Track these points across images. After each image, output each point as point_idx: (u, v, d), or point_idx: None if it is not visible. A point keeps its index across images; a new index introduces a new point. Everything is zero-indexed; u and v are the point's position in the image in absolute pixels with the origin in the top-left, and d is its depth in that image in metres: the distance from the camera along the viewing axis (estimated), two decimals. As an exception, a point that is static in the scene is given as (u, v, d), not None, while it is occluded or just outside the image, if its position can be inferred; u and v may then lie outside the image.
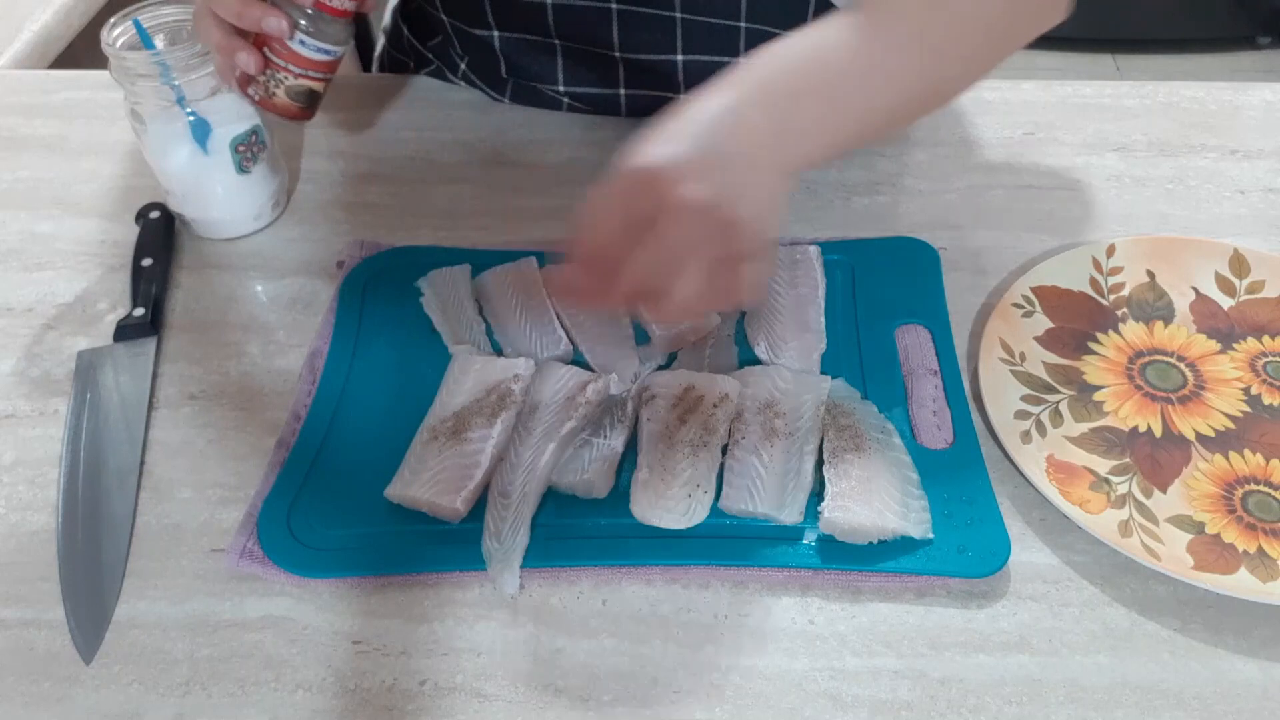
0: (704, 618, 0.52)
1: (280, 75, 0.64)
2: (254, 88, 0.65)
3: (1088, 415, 0.60)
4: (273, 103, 0.65)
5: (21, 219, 0.75)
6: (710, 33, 0.74)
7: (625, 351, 0.63)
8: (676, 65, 0.76)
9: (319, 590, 0.53)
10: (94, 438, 0.60)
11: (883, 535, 0.53)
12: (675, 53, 0.75)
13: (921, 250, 0.69)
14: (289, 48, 0.63)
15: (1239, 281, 0.67)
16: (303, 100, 0.66)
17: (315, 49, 0.63)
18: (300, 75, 0.64)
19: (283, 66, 0.64)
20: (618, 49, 0.75)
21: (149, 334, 0.66)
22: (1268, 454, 0.57)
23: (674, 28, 0.73)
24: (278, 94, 0.65)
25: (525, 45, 0.77)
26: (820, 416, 0.58)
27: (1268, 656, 0.50)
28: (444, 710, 0.49)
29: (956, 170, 0.77)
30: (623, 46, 0.75)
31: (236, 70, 0.64)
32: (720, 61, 0.76)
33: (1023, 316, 0.65)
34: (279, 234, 0.74)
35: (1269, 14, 2.53)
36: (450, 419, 0.58)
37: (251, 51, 0.63)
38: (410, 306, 0.66)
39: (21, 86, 0.89)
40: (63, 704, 0.49)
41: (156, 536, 0.56)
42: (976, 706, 0.48)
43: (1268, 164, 0.77)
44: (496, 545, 0.53)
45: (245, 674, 0.50)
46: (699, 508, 0.54)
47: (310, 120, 0.68)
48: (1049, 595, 0.52)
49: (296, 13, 0.62)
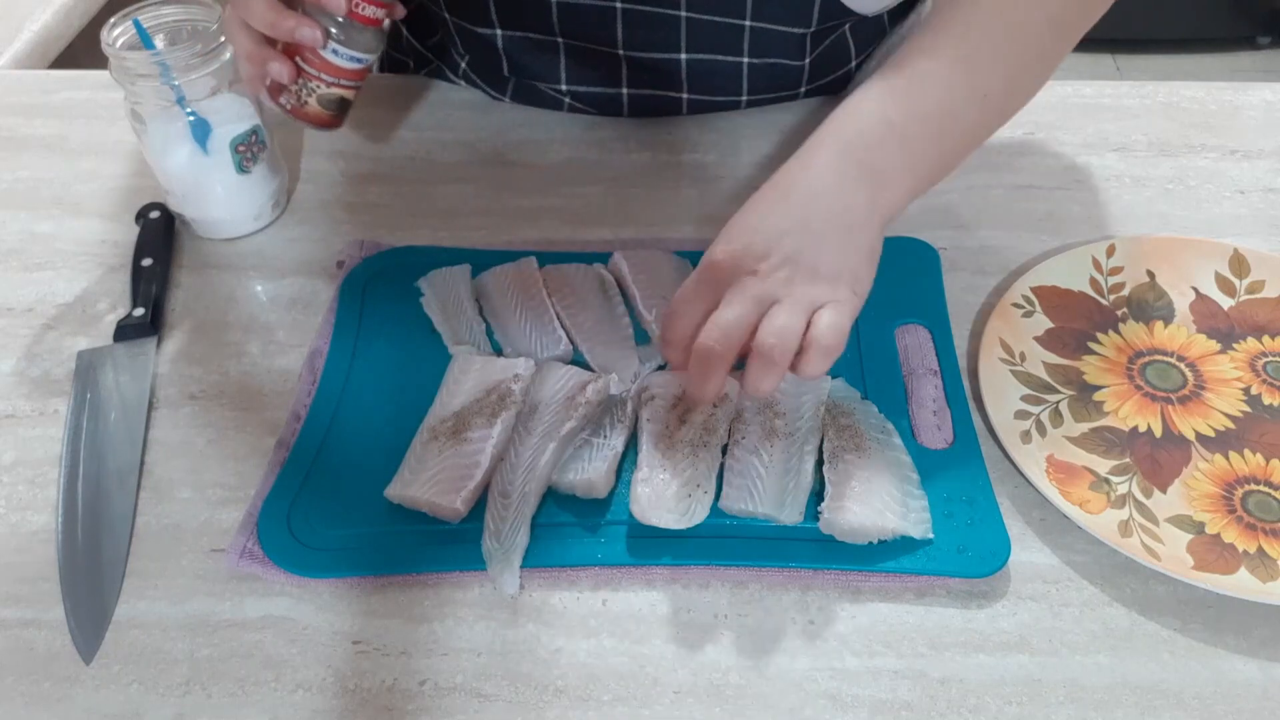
0: (704, 618, 0.52)
1: (312, 84, 0.64)
2: (285, 96, 0.65)
3: (1088, 415, 0.60)
4: (305, 111, 0.66)
5: (21, 219, 0.75)
6: (715, 31, 0.73)
7: (625, 351, 0.63)
8: (680, 64, 0.76)
9: (319, 590, 0.53)
10: (94, 438, 0.60)
11: (883, 535, 0.53)
12: (679, 51, 0.75)
13: (921, 250, 0.69)
14: (321, 56, 0.63)
15: (1239, 281, 0.67)
16: (334, 109, 0.66)
17: (348, 58, 0.63)
18: (332, 84, 0.64)
19: (315, 75, 0.64)
20: (621, 47, 0.75)
21: (149, 334, 0.66)
22: (1268, 454, 0.57)
23: (679, 26, 0.73)
24: (309, 103, 0.65)
25: (528, 44, 0.77)
26: (820, 417, 0.58)
27: (1268, 656, 0.50)
28: (444, 710, 0.49)
29: (956, 170, 0.77)
30: (627, 45, 0.75)
31: (267, 79, 0.64)
32: (724, 61, 0.76)
33: (1023, 316, 0.65)
34: (279, 234, 0.74)
35: (1269, 14, 2.53)
36: (450, 419, 0.58)
37: (283, 61, 0.63)
38: (410, 306, 0.66)
39: (21, 86, 0.89)
40: (63, 704, 0.49)
41: (156, 536, 0.56)
42: (976, 706, 0.48)
43: (1268, 164, 0.77)
44: (496, 545, 0.53)
45: (245, 674, 0.50)
46: (699, 508, 0.54)
47: (340, 128, 0.68)
48: (1049, 595, 0.53)
49: (328, 21, 0.62)
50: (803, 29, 0.74)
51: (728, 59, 0.76)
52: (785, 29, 0.74)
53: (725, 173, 0.77)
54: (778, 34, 0.74)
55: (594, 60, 0.77)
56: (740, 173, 0.77)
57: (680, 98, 0.79)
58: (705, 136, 0.80)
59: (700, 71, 0.77)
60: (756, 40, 0.74)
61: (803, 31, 0.75)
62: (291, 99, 0.65)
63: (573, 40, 0.76)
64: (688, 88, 0.78)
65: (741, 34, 0.74)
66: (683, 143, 0.80)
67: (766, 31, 0.74)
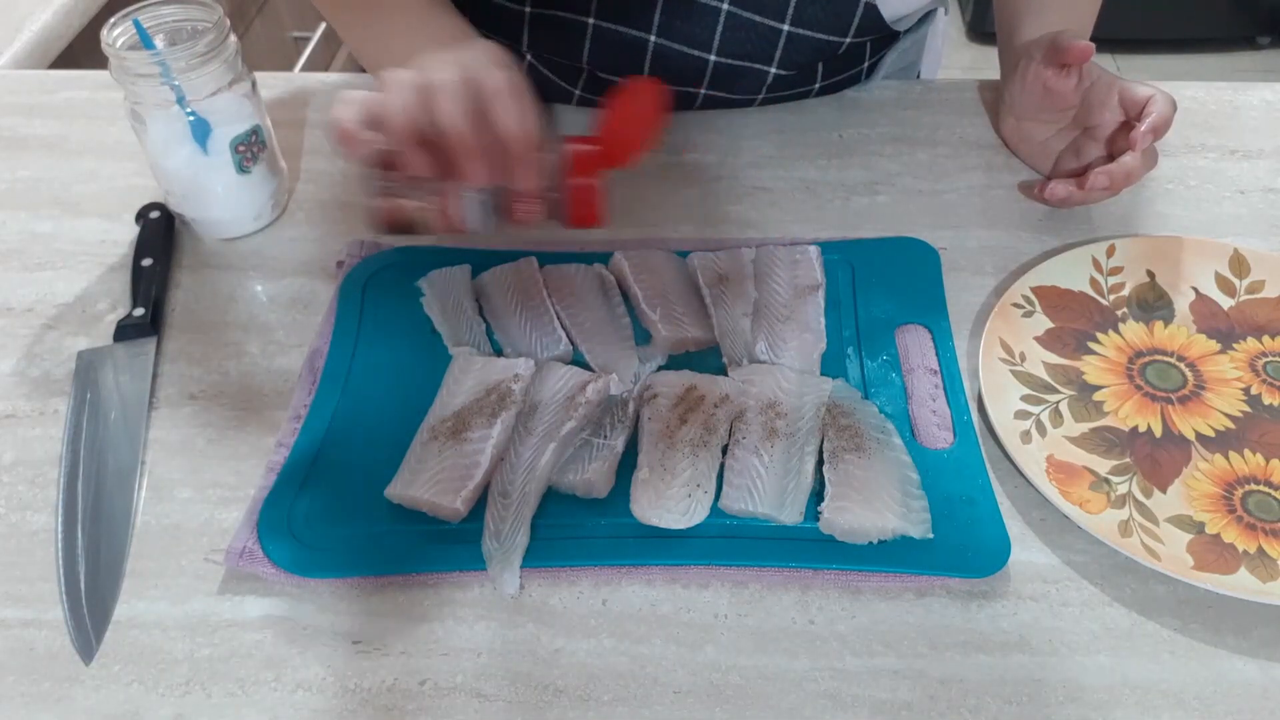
0: (704, 618, 0.52)
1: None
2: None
3: (1088, 415, 0.60)
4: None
5: (21, 219, 0.75)
6: (752, 30, 0.73)
7: (625, 351, 0.63)
8: (707, 64, 0.75)
9: (319, 590, 0.53)
10: (94, 438, 0.60)
11: (883, 535, 0.53)
12: (710, 52, 0.74)
13: (921, 250, 0.70)
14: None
15: (1239, 281, 0.67)
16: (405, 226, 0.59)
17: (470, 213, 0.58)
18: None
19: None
20: (654, 33, 0.74)
21: (149, 334, 0.65)
22: (1268, 454, 0.57)
23: (716, 21, 0.72)
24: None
25: (556, 21, 0.76)
26: (820, 417, 0.58)
27: (1268, 656, 0.50)
28: (444, 710, 0.49)
29: (956, 170, 0.77)
30: (660, 31, 0.74)
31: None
32: (751, 69, 0.75)
33: (1023, 316, 0.65)
34: (279, 234, 0.74)
35: (1269, 14, 2.53)
36: (450, 419, 0.58)
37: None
38: (410, 306, 0.66)
39: (21, 86, 0.89)
40: (63, 704, 0.49)
41: (156, 536, 0.56)
42: (976, 706, 0.48)
43: (1268, 164, 0.77)
44: (496, 545, 0.53)
45: (245, 674, 0.50)
46: (699, 508, 0.54)
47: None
48: (1049, 595, 0.52)
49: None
50: (839, 38, 0.74)
51: (755, 66, 0.75)
52: (822, 36, 0.74)
53: (725, 173, 0.77)
54: (814, 41, 0.74)
55: (620, 46, 0.75)
56: (740, 173, 0.77)
57: (698, 93, 0.79)
58: (705, 136, 0.80)
59: (724, 74, 0.76)
60: (790, 46, 0.74)
61: (838, 40, 0.74)
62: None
63: (604, 22, 0.74)
64: (708, 86, 0.78)
65: (777, 37, 0.73)
66: (683, 143, 0.80)
67: (803, 38, 0.73)
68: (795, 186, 0.76)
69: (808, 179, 0.76)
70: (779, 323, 0.64)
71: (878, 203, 0.74)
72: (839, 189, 0.76)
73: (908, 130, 0.81)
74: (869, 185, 0.76)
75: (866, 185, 0.76)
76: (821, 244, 0.69)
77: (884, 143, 0.80)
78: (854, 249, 0.70)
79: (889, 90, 0.85)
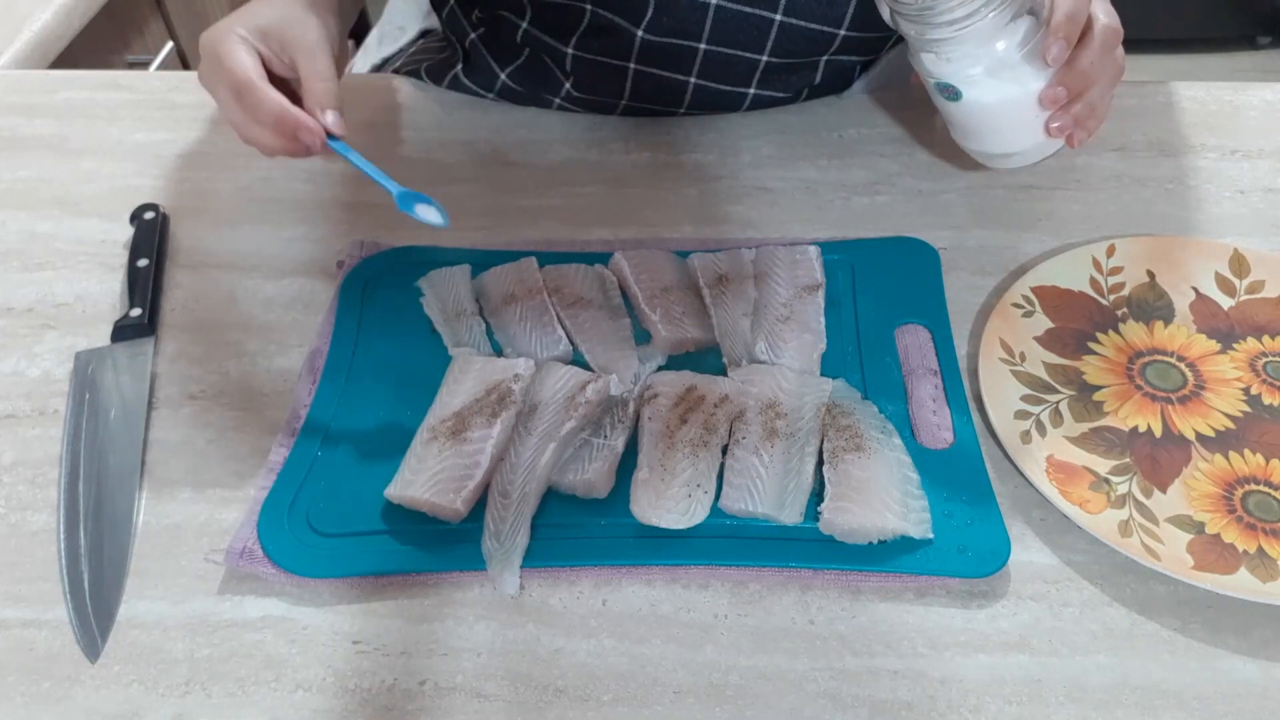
0: (704, 618, 0.52)
1: None
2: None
3: (1088, 415, 0.60)
4: None
5: (21, 219, 0.75)
6: (741, 21, 0.73)
7: (625, 351, 0.63)
8: (696, 53, 0.75)
9: (319, 590, 0.53)
10: (94, 438, 0.60)
11: (882, 535, 0.53)
12: (700, 41, 0.74)
13: (921, 250, 0.70)
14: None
15: (1239, 281, 0.67)
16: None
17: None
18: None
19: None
20: (642, 28, 0.74)
21: (146, 334, 0.65)
22: (1268, 454, 0.57)
23: (705, 13, 0.72)
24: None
25: (551, 7, 0.76)
26: (820, 417, 0.58)
27: (1268, 656, 0.50)
28: (444, 710, 0.49)
29: (956, 170, 0.77)
30: (649, 27, 0.74)
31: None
32: (741, 56, 0.75)
33: (1023, 316, 0.65)
34: (279, 234, 0.74)
35: (1269, 14, 2.53)
36: (450, 419, 0.58)
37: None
38: (410, 306, 0.66)
39: (21, 86, 0.89)
40: (63, 704, 0.49)
41: (157, 536, 0.56)
42: (976, 706, 0.48)
43: (1268, 164, 0.77)
44: (496, 545, 0.53)
45: (245, 674, 0.50)
46: (699, 508, 0.54)
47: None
48: (1049, 595, 0.53)
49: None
50: (832, 29, 0.74)
51: (746, 55, 0.75)
52: (816, 26, 0.73)
53: (725, 173, 0.77)
54: (806, 31, 0.74)
55: (606, 33, 0.75)
56: (740, 173, 0.77)
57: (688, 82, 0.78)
58: (705, 136, 0.80)
59: (718, 63, 0.76)
60: (782, 36, 0.74)
61: (832, 31, 0.74)
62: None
63: (596, 6, 0.74)
64: (697, 75, 0.77)
65: (769, 28, 0.73)
66: (683, 143, 0.80)
67: (795, 28, 0.73)
68: (795, 186, 0.76)
69: (808, 179, 0.76)
70: (779, 323, 0.64)
71: (878, 203, 0.75)
72: (839, 189, 0.76)
73: (908, 130, 0.81)
74: (869, 185, 0.76)
75: (867, 185, 0.76)
76: (821, 244, 0.69)
77: (884, 143, 0.80)
78: (854, 249, 0.70)
79: (889, 91, 0.85)
